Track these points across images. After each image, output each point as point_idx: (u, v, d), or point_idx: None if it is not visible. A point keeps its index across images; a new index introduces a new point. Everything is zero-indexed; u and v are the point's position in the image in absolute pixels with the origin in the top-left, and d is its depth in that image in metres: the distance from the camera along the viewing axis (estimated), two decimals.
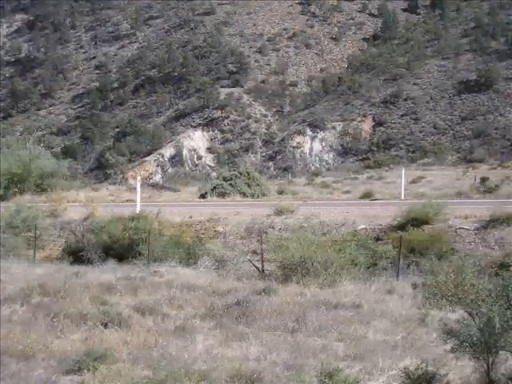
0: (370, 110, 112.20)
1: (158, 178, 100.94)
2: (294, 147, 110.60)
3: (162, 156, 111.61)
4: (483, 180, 42.98)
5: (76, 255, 20.91)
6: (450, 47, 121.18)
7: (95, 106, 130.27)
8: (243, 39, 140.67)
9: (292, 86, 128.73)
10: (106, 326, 11.66)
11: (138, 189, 27.44)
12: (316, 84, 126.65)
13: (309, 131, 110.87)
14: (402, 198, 29.19)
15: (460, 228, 21.10)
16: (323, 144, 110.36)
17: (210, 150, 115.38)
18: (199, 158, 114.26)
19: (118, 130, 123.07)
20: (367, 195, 32.02)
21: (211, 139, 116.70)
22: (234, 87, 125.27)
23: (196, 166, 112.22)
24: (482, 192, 33.39)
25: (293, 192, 37.98)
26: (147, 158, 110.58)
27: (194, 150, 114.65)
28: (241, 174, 36.99)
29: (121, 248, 20.72)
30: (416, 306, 12.54)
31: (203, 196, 34.64)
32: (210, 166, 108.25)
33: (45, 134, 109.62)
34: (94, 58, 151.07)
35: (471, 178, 46.66)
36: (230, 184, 35.29)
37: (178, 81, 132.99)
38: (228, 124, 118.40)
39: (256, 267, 18.76)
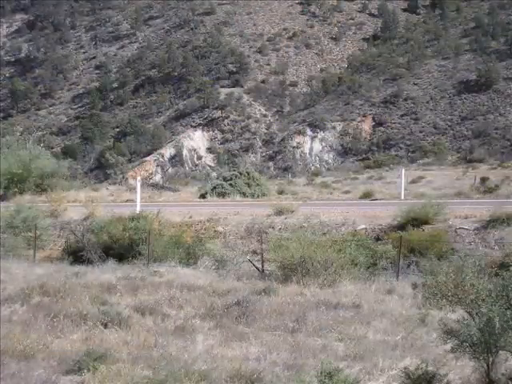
0: (370, 110, 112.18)
1: (158, 177, 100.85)
2: (294, 147, 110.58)
3: (162, 156, 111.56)
4: (483, 180, 42.89)
5: (76, 255, 20.91)
6: (450, 47, 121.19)
7: (95, 106, 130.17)
8: (243, 39, 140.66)
9: (292, 85, 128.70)
10: (106, 326, 11.66)
11: (138, 189, 27.44)
12: (316, 84, 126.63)
13: (309, 131, 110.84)
14: (402, 198, 29.17)
15: (460, 228, 21.08)
16: (323, 144, 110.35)
17: (210, 150, 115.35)
18: (199, 157, 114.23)
19: (118, 129, 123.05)
20: (367, 195, 32.02)
21: (211, 139, 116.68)
22: (233, 87, 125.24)
23: (196, 165, 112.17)
24: (482, 192, 33.33)
25: (293, 192, 37.97)
26: (147, 158, 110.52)
27: (194, 150, 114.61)
28: (241, 173, 36.97)
29: (121, 248, 20.71)
30: (416, 306, 12.53)
31: (203, 196, 34.64)
32: (210, 166, 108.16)
33: (45, 134, 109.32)
34: (94, 58, 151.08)
35: (471, 178, 46.54)
36: (230, 184, 35.27)
37: (178, 81, 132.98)
38: (228, 124, 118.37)
39: (256, 267, 18.75)
